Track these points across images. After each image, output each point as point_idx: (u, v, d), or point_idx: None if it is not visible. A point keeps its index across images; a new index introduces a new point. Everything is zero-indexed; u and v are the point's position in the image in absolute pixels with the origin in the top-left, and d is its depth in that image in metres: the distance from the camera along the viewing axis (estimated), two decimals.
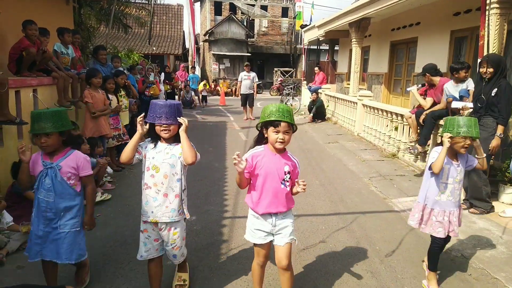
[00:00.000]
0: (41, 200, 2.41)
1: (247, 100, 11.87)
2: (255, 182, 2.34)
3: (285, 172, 2.31)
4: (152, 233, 2.49)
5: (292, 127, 2.26)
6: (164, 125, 2.36)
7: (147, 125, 2.40)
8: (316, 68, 13.51)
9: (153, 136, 2.46)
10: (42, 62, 5.22)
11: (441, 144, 2.79)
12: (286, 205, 2.37)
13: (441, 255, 3.24)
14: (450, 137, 2.67)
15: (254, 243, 2.43)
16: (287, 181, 2.33)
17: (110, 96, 5.78)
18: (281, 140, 2.24)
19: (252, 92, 11.86)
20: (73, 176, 2.46)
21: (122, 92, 6.31)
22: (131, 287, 2.78)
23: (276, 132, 2.24)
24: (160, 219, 2.43)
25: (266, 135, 2.32)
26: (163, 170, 2.41)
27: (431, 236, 2.87)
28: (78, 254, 2.53)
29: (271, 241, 2.42)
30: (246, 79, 11.81)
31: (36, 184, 2.43)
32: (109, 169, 5.20)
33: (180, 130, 2.39)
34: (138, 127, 2.37)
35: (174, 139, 2.46)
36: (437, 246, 2.85)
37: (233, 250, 3.40)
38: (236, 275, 2.99)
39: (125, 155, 2.39)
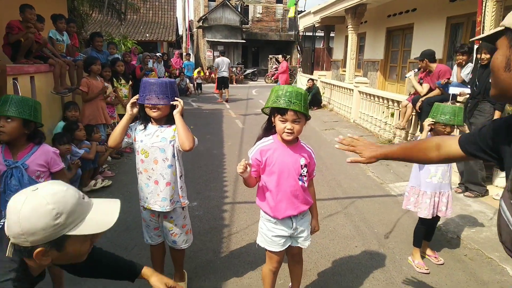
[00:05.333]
0: None
1: None
2: (268, 182, 2.03)
3: (301, 165, 2.01)
4: (150, 222, 2.38)
5: (304, 114, 1.91)
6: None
7: (137, 106, 2.21)
8: (280, 57, 13.33)
9: (143, 117, 2.25)
10: (38, 49, 5.17)
11: (432, 130, 2.86)
12: (305, 202, 2.09)
13: (438, 237, 3.35)
14: (433, 123, 2.78)
15: (269, 250, 2.17)
16: (305, 176, 2.04)
17: (106, 84, 5.75)
18: (289, 131, 1.90)
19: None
20: (42, 173, 2.23)
21: (122, 81, 6.26)
22: None
23: (283, 121, 1.90)
24: (152, 206, 2.28)
25: (274, 124, 1.98)
26: (152, 155, 2.20)
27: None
28: None
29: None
30: None
31: (1, 186, 2.19)
32: (109, 158, 5.22)
33: (174, 112, 2.16)
34: (128, 108, 2.19)
35: (166, 120, 2.24)
36: (422, 225, 3.00)
37: (235, 234, 3.47)
38: (239, 257, 3.06)
39: (113, 138, 2.20)
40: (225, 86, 13.27)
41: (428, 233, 3.07)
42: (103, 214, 1.22)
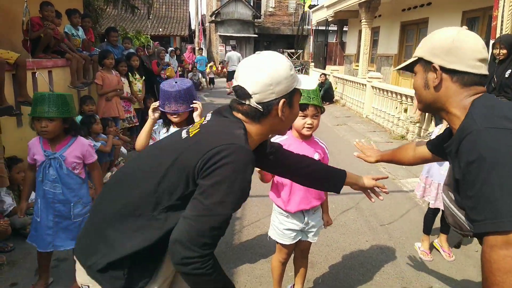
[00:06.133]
0: (47, 191, 2.31)
1: None
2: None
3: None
4: None
5: (321, 109, 2.00)
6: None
7: (159, 111, 2.29)
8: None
9: (165, 120, 2.35)
10: (55, 44, 5.29)
11: None
12: (319, 197, 2.15)
13: (450, 232, 3.33)
14: None
15: (280, 243, 2.24)
16: None
17: (122, 78, 5.85)
18: (309, 126, 1.97)
19: None
20: (77, 165, 2.37)
21: (137, 76, 6.35)
22: None
23: (303, 116, 1.96)
24: None
25: None
26: None
27: (429, 204, 3.09)
28: None
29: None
30: None
31: (40, 175, 2.31)
32: (123, 150, 5.33)
33: (194, 115, 2.25)
34: (150, 112, 2.30)
35: (187, 122, 2.31)
36: (432, 213, 3.08)
37: (247, 227, 3.54)
38: (251, 249, 3.13)
39: (139, 142, 2.31)
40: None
41: (443, 225, 3.11)
42: (305, 78, 1.34)
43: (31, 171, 2.40)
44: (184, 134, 1.24)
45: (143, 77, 6.59)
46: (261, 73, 1.17)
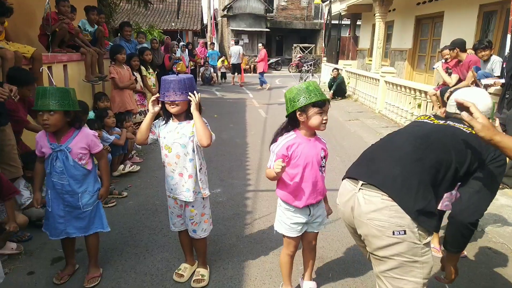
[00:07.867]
0: (56, 183, 2.37)
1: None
2: (292, 174, 2.13)
3: (321, 157, 2.17)
4: (174, 210, 2.53)
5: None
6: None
7: (159, 104, 2.30)
8: (260, 45, 14.74)
9: (165, 113, 2.36)
10: (70, 38, 5.37)
11: None
12: (323, 191, 2.24)
13: None
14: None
15: (287, 236, 2.30)
16: (324, 166, 2.21)
17: (134, 73, 5.91)
18: (325, 121, 2.06)
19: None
20: (84, 156, 2.40)
21: (151, 70, 6.40)
22: (165, 251, 2.98)
23: (320, 113, 2.03)
24: (178, 196, 2.43)
25: (302, 120, 2.07)
26: (174, 150, 2.33)
27: None
28: (106, 222, 2.61)
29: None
30: None
31: (48, 168, 2.38)
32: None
33: (191, 109, 2.24)
34: (150, 106, 2.32)
35: (186, 116, 2.34)
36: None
37: (257, 221, 3.56)
38: (261, 243, 3.15)
39: (139, 136, 2.35)
40: (238, 72, 14.95)
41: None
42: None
43: (40, 163, 2.46)
44: (463, 129, 1.74)
45: (156, 71, 6.64)
46: (487, 100, 1.87)
